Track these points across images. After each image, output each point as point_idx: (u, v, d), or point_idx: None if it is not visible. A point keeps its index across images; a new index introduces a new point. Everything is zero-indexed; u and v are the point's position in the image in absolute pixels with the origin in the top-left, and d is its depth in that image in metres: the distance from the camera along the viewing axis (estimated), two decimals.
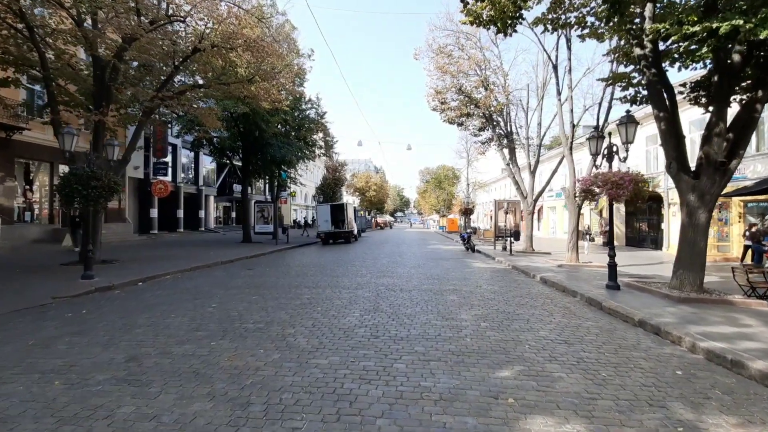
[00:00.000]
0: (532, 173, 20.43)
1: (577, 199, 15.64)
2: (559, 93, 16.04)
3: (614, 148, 9.75)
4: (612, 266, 9.64)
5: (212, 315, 6.84)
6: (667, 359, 5.01)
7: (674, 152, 9.16)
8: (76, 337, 5.62)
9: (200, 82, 16.85)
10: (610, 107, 15.44)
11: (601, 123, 15.44)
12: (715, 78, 8.56)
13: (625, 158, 9.83)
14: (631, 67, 11.43)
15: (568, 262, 14.99)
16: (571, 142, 15.69)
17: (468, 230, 21.53)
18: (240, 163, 25.26)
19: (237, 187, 38.04)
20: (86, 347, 5.20)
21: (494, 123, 20.86)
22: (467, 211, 32.36)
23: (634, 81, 11.32)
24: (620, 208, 26.72)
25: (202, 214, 32.40)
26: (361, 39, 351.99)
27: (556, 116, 19.61)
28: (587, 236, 19.20)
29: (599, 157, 10.59)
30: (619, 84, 11.90)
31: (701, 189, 8.64)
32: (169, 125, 22.03)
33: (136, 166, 25.51)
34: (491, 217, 53.21)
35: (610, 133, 10.43)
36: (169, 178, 29.31)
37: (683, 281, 8.81)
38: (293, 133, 26.15)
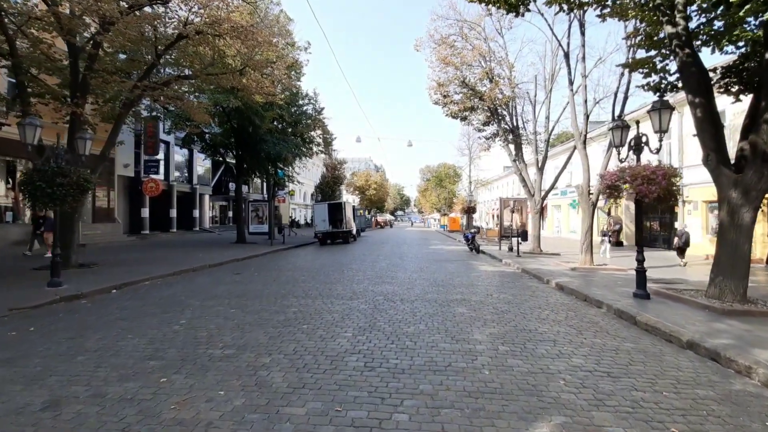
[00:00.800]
0: (540, 170, 19.27)
1: (591, 196, 14.49)
2: (571, 83, 14.88)
3: (644, 138, 8.59)
4: (641, 272, 8.51)
5: (176, 335, 5.71)
6: (745, 401, 3.86)
7: (712, 143, 8.01)
8: (1, 368, 4.49)
9: (188, 73, 15.70)
10: (626, 98, 14.27)
11: (616, 115, 14.27)
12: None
13: (658, 149, 8.67)
14: (653, 51, 10.32)
15: (582, 264, 13.84)
16: (585, 136, 14.53)
17: (472, 230, 20.40)
18: (234, 161, 24.12)
19: (233, 186, 36.93)
20: (4, 384, 4.07)
21: (500, 117, 19.70)
22: (470, 210, 31.21)
23: (658, 66, 10.20)
24: (630, 206, 25.57)
25: (196, 213, 31.29)
26: (360, 30, 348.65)
27: (566, 109, 18.49)
28: (607, 237, 18.18)
29: (624, 150, 9.44)
30: (640, 71, 10.74)
31: (745, 184, 7.49)
32: (161, 120, 20.87)
33: (126, 164, 24.39)
34: (494, 216, 52.08)
35: (637, 122, 9.24)
36: (161, 176, 28.21)
37: (723, 290, 7.67)
38: (290, 130, 25.04)
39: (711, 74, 9.38)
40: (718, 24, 8.97)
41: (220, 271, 12.70)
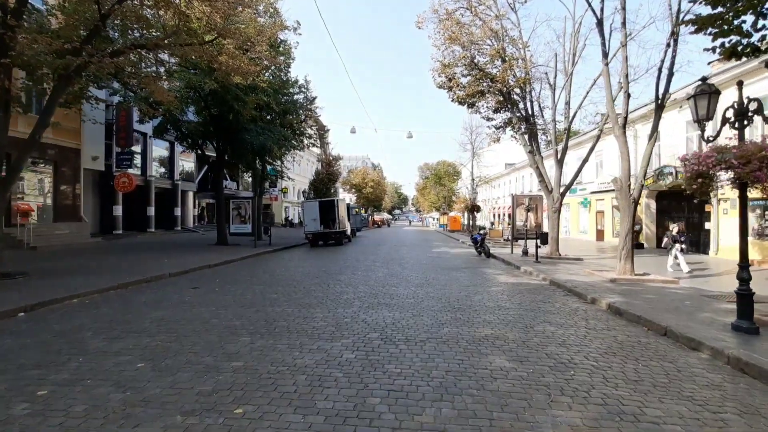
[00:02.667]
0: (559, 162, 16.63)
1: (632, 192, 11.85)
2: (605, 55, 12.21)
3: (753, 105, 5.92)
4: (745, 296, 5.86)
5: None
6: None
7: None
8: None
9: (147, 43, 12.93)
10: (671, 73, 11.59)
11: (660, 93, 11.65)
12: None
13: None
14: (720, 9, 7.69)
15: (622, 274, 11.21)
16: (625, 118, 11.85)
17: (482, 231, 17.75)
18: (215, 154, 21.33)
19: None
20: None
21: (513, 102, 17.03)
22: (473, 209, 28.51)
23: (735, 23, 7.57)
24: (650, 205, 23.00)
25: (178, 212, 28.48)
26: (356, 8, 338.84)
27: (589, 93, 15.86)
28: (679, 243, 12.75)
29: (708, 127, 6.80)
30: (708, 33, 8.07)
31: None
32: (129, 104, 18.07)
33: (94, 156, 21.57)
34: (498, 215, 49.45)
35: (740, 83, 6.51)
36: (138, 171, 25.43)
37: None
38: (278, 121, 22.30)
39: None
40: None
41: (177, 284, 9.99)
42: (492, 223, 31.79)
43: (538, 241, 14.96)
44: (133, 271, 11.42)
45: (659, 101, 11.73)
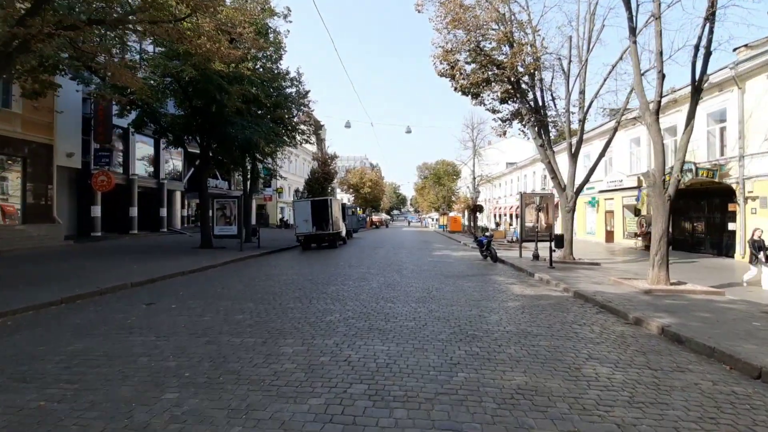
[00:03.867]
0: (573, 157, 14.95)
1: (667, 188, 10.16)
2: (633, 31, 10.49)
3: None
4: None
5: None
6: None
7: None
8: None
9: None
10: (709, 52, 9.90)
11: (697, 75, 9.97)
12: None
13: None
14: None
15: (655, 284, 9.54)
16: (659, 103, 10.14)
17: (487, 233, 16.06)
18: (199, 150, 19.58)
19: (212, 182, 32.43)
20: None
21: (522, 92, 15.36)
22: (476, 209, 26.78)
23: None
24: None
25: (164, 212, 26.71)
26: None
27: (607, 81, 14.20)
28: (763, 251, 9.90)
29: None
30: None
31: None
32: (100, 93, 16.30)
33: (70, 152, 19.79)
34: (498, 215, 47.77)
35: None
36: (119, 169, 23.69)
37: None
38: (268, 115, 20.60)
39: None
40: None
41: (132, 298, 8.26)
42: (497, 224, 30.04)
43: (552, 244, 13.26)
44: (91, 280, 9.70)
45: (696, 84, 10.05)
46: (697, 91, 10.15)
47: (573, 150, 14.86)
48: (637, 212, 23.81)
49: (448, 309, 7.19)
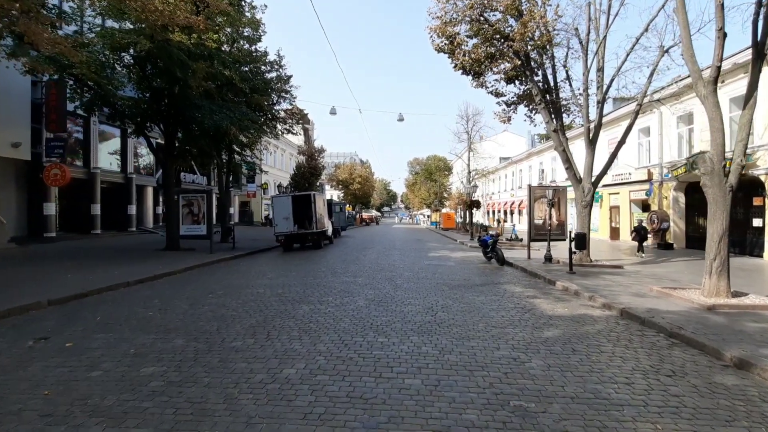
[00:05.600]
0: (591, 143, 12.81)
1: (729, 176, 8.04)
2: None
3: None
4: None
5: None
6: None
7: None
8: None
9: None
10: None
11: (759, 37, 7.85)
12: None
13: None
14: None
15: (714, 296, 7.44)
16: (719, 69, 7.95)
17: (492, 232, 13.90)
18: (163, 141, 16.99)
19: (188, 177, 29.73)
20: None
21: (532, 69, 13.16)
22: (472, 205, 24.59)
23: None
24: (679, 198, 19.41)
25: (133, 210, 23.97)
26: None
27: (630, 55, 12.06)
28: None
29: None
30: None
31: None
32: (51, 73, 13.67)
33: (15, 142, 17.03)
34: (491, 212, 45.71)
35: None
36: (80, 161, 20.97)
37: None
38: (243, 100, 18.10)
39: None
40: None
41: (31, 325, 5.86)
42: (498, 221, 27.80)
43: (573, 244, 11.11)
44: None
45: (759, 48, 7.93)
46: (760, 56, 8.04)
47: (591, 136, 12.72)
48: (645, 207, 21.90)
49: (466, 347, 4.92)
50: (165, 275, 10.81)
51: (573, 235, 11.29)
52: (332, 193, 59.96)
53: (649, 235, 20.77)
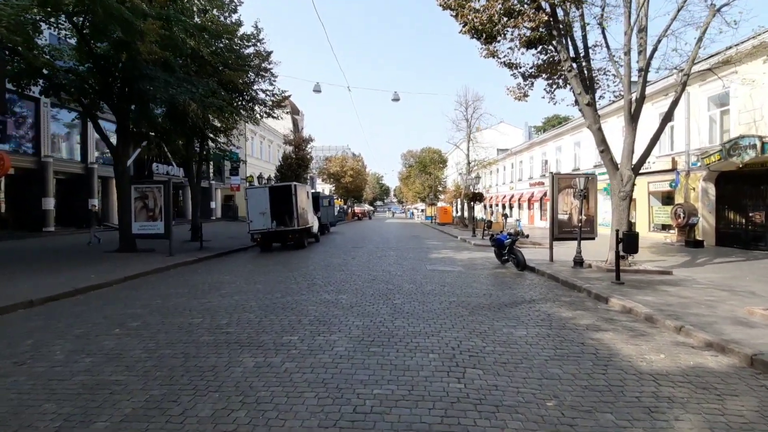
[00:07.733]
0: (633, 120, 10.25)
1: None
2: None
3: None
4: None
5: None
6: None
7: None
8: None
9: None
10: None
11: None
12: None
13: None
14: None
15: None
16: None
17: (510, 230, 11.34)
18: (116, 119, 14.06)
19: (162, 168, 26.76)
20: None
21: (560, 30, 10.51)
22: (474, 197, 21.94)
23: None
24: (708, 191, 16.99)
25: (95, 204, 21.04)
26: None
27: (680, 11, 9.47)
28: None
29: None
30: None
31: None
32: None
33: None
34: (488, 205, 43.12)
35: None
36: (28, 148, 18.00)
37: None
38: (215, 78, 15.23)
39: None
40: None
41: None
42: (505, 216, 25.05)
43: (620, 246, 8.56)
44: None
45: None
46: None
47: (633, 111, 10.15)
48: (666, 200, 19.52)
49: None
50: (91, 289, 8.10)
51: (621, 235, 8.72)
52: (323, 187, 57.06)
53: (672, 231, 18.44)
